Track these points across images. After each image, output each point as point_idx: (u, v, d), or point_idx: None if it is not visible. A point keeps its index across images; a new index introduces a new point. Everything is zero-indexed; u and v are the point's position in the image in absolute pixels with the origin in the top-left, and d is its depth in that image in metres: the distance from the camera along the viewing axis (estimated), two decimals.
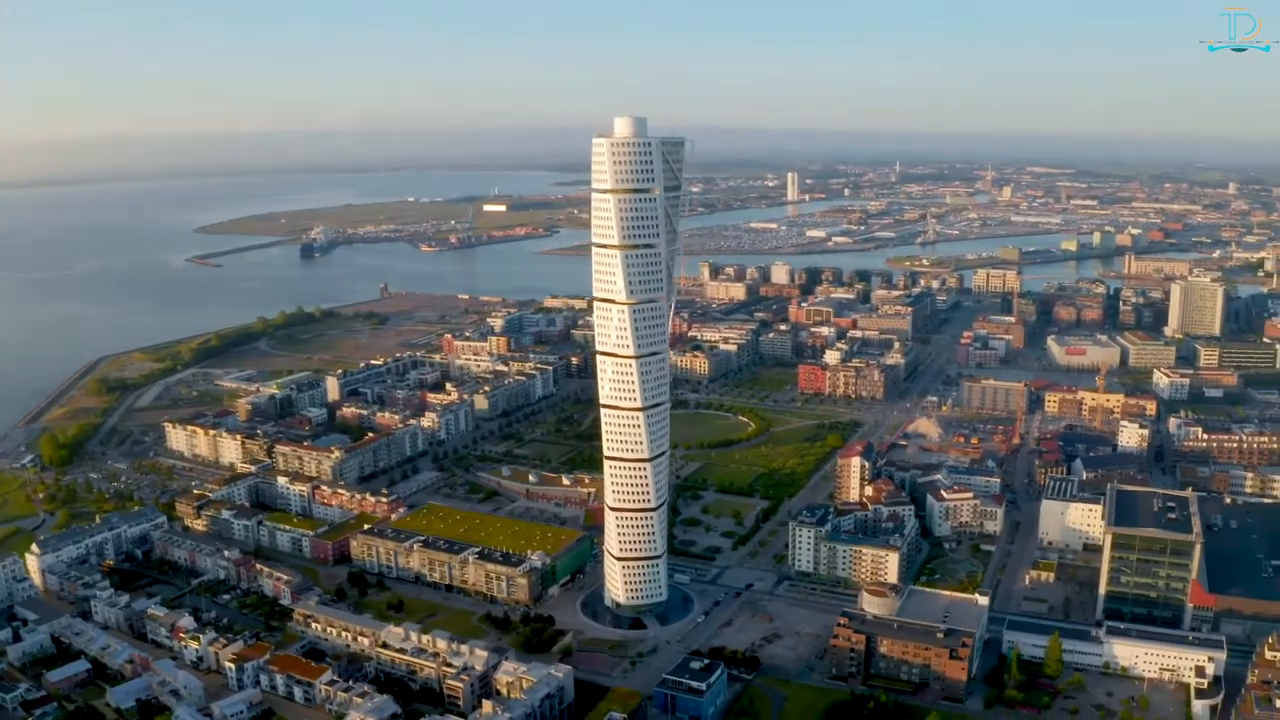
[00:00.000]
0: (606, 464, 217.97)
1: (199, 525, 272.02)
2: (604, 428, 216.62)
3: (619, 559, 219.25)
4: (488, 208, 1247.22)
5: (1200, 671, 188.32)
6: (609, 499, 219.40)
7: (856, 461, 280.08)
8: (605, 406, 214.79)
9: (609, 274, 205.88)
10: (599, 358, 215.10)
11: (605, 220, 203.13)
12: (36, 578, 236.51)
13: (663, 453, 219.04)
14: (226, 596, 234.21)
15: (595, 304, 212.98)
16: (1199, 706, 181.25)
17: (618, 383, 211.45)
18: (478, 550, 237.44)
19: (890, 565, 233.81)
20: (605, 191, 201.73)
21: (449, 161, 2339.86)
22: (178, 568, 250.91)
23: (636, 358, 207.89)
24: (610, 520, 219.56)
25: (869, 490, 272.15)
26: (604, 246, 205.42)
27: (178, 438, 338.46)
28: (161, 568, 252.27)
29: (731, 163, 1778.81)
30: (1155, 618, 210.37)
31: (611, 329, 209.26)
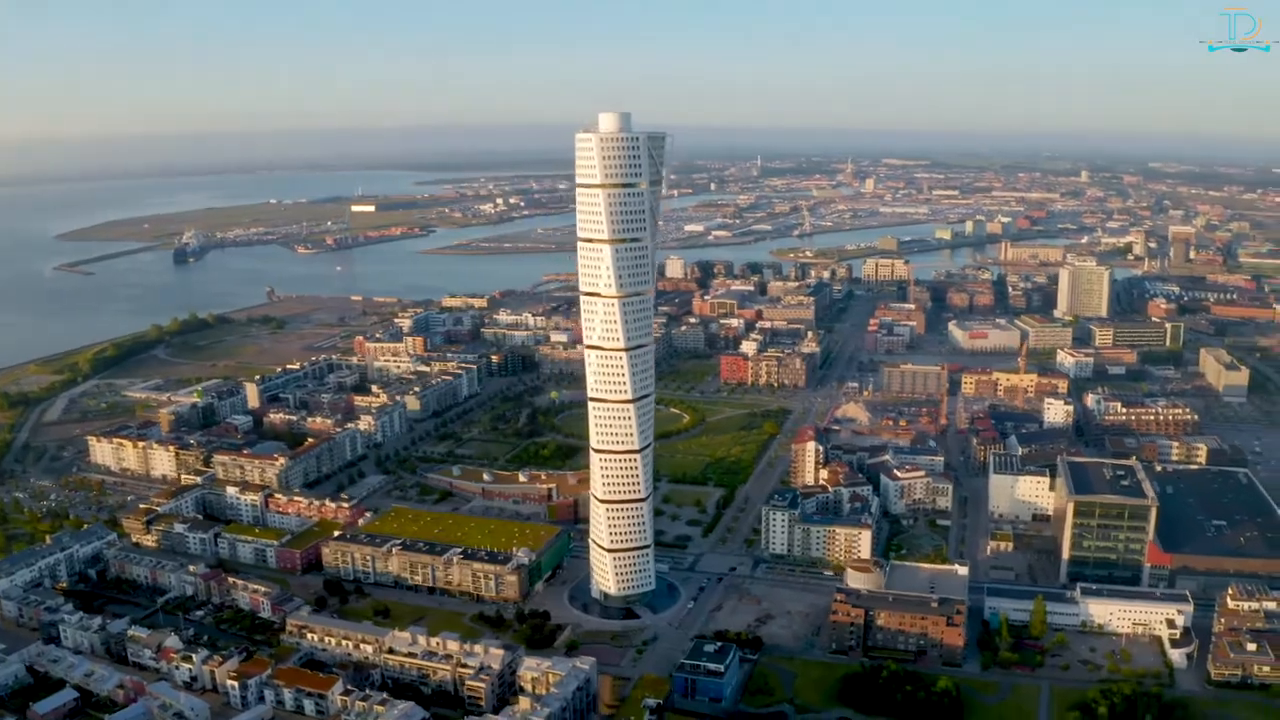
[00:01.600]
0: (595, 456, 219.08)
1: (149, 541, 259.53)
2: (592, 421, 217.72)
3: (610, 550, 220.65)
4: (356, 208, 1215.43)
5: (1171, 624, 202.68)
6: (598, 491, 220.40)
7: (811, 446, 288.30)
8: (593, 400, 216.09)
9: (596, 268, 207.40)
10: (586, 351, 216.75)
11: (593, 215, 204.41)
12: None
13: (649, 444, 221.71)
14: (200, 613, 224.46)
15: (581, 298, 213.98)
16: (1176, 655, 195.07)
17: (606, 375, 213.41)
18: (461, 550, 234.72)
19: (863, 543, 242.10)
20: (593, 186, 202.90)
21: (302, 163, 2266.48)
22: (137, 586, 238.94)
23: (626, 350, 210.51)
24: (600, 512, 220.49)
25: (824, 473, 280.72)
26: (591, 241, 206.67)
27: (103, 451, 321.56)
28: (121, 587, 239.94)
29: None
30: (1115, 578, 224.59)
31: (598, 322, 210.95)
